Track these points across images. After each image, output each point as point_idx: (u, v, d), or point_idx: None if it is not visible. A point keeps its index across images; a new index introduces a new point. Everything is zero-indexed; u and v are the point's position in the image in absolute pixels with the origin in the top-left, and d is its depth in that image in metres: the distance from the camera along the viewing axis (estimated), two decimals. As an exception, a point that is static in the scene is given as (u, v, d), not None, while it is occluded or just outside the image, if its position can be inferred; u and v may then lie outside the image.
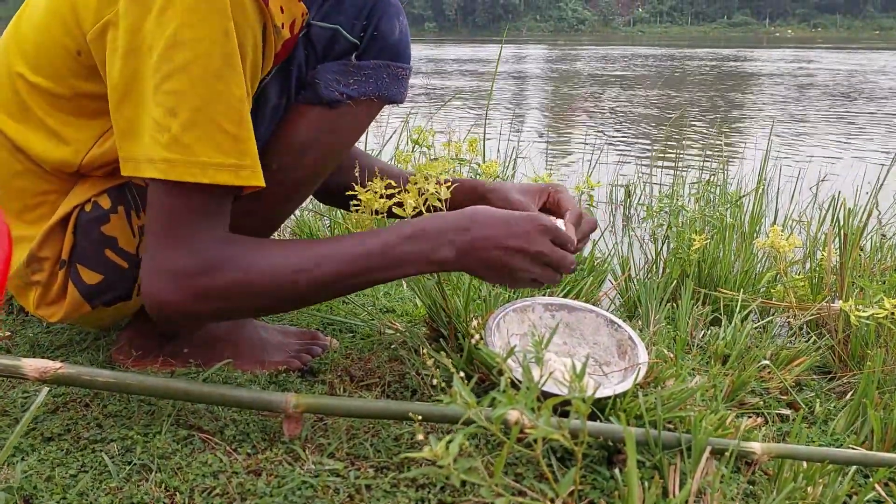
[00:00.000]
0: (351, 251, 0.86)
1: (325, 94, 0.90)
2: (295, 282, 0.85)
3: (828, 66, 15.00)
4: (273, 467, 0.82)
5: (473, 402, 0.68)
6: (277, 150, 0.92)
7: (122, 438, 0.85)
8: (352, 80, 0.90)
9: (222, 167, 0.78)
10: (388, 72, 0.92)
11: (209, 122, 0.77)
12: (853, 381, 1.32)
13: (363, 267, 0.86)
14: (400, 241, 0.87)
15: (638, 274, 1.87)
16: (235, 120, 0.79)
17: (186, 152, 0.77)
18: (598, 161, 2.87)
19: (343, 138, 0.94)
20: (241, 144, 0.80)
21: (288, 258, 0.85)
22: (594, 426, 0.83)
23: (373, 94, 0.92)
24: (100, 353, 1.08)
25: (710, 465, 0.85)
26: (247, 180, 0.80)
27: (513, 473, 0.84)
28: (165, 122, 0.77)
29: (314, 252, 0.86)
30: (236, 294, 0.84)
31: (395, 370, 1.08)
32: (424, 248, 0.87)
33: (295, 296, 0.87)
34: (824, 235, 1.86)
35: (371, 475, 0.82)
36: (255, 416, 0.91)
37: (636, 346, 1.01)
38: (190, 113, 0.76)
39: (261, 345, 1.07)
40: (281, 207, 0.98)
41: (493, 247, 0.87)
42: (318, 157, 0.93)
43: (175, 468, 0.81)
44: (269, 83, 0.89)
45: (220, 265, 0.82)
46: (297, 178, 0.94)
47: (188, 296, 0.82)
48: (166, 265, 0.81)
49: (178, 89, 0.76)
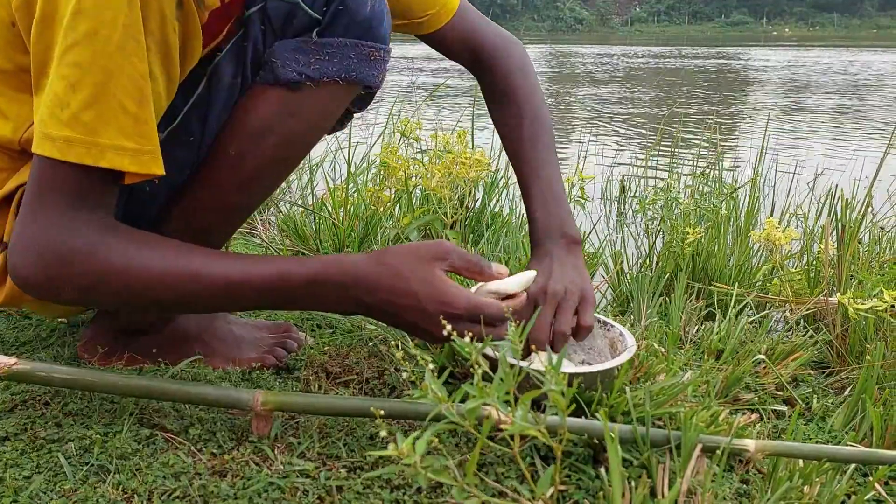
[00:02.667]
0: (234, 275, 0.77)
1: (282, 74, 0.83)
2: (161, 288, 0.76)
3: (825, 63, 14.99)
4: (239, 468, 0.78)
5: (444, 397, 0.63)
6: (234, 134, 0.86)
7: (80, 438, 0.81)
8: (312, 59, 0.83)
9: (123, 151, 0.72)
10: (357, 51, 0.85)
11: (111, 98, 0.71)
12: (851, 376, 1.28)
13: (242, 295, 0.78)
14: (301, 283, 0.78)
15: (631, 268, 1.83)
16: (137, 98, 0.72)
17: (87, 131, 0.70)
18: (593, 154, 2.82)
19: (306, 124, 0.87)
20: (143, 126, 0.73)
21: (162, 262, 0.76)
22: (575, 422, 0.79)
23: (337, 76, 0.84)
24: (66, 350, 1.03)
25: (700, 463, 0.81)
26: (147, 167, 0.73)
27: (493, 473, 0.80)
28: (66, 97, 0.70)
29: (197, 264, 0.77)
30: (95, 286, 0.76)
31: (375, 366, 1.03)
32: (326, 300, 0.80)
33: (157, 302, 0.79)
34: (821, 228, 1.82)
35: (343, 476, 0.78)
36: (223, 415, 0.87)
37: (626, 339, 0.97)
38: (91, 88, 0.70)
39: (233, 341, 1.03)
40: (238, 199, 0.90)
41: (390, 310, 0.79)
42: (278, 144, 0.86)
43: (134, 469, 0.76)
44: (223, 61, 0.83)
45: (87, 252, 0.74)
46: (255, 166, 0.87)
47: (47, 277, 0.74)
48: (34, 240, 0.74)
49: (80, 61, 0.70)
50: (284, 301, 0.81)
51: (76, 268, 0.74)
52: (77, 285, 0.76)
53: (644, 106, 7.65)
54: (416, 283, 0.78)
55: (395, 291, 0.78)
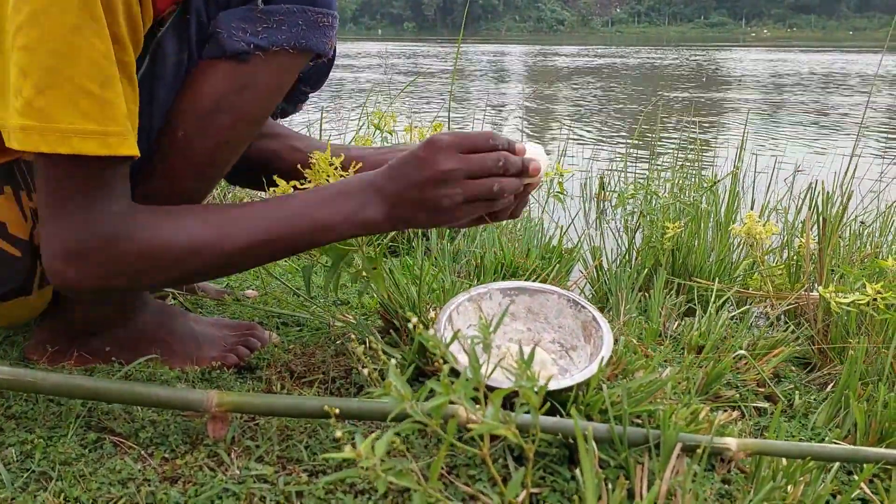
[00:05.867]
0: (267, 216, 0.78)
1: (229, 45, 0.78)
2: (207, 251, 0.76)
3: (801, 63, 15.12)
4: (192, 473, 0.73)
5: (408, 394, 0.59)
6: (183, 113, 0.81)
7: (21, 443, 0.75)
8: (260, 27, 0.79)
9: (87, 134, 0.68)
10: (305, 17, 0.81)
11: (66, 81, 0.66)
12: (834, 371, 1.25)
13: (280, 233, 0.78)
14: (321, 203, 0.79)
15: (610, 264, 1.79)
16: (99, 79, 0.68)
17: (42, 118, 0.66)
18: (571, 152, 2.79)
19: (257, 98, 0.82)
20: (108, 108, 0.69)
21: (198, 226, 0.76)
22: (547, 421, 0.75)
23: (286, 44, 0.80)
24: (14, 350, 0.98)
25: (680, 463, 0.77)
26: (116, 149, 0.70)
27: (465, 475, 0.75)
28: (18, 84, 0.66)
29: (227, 218, 0.78)
30: (143, 266, 0.75)
31: (341, 365, 0.99)
32: (348, 208, 0.79)
33: (208, 265, 0.78)
34: (801, 223, 1.80)
35: (304, 480, 0.73)
36: (177, 418, 0.82)
37: (600, 328, 0.93)
38: (43, 72, 0.66)
39: (193, 339, 0.98)
40: (191, 183, 0.86)
41: (417, 185, 0.78)
42: (230, 122, 0.81)
43: (78, 475, 0.71)
44: (165, 37, 0.78)
45: (121, 237, 0.73)
46: (207, 147, 0.82)
47: (92, 272, 0.73)
48: (64, 242, 0.72)
49: (28, 44, 0.66)
50: (309, 228, 0.80)
51: (120, 254, 0.73)
52: (126, 271, 0.75)
53: (623, 103, 7.65)
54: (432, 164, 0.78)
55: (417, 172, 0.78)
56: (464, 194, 0.78)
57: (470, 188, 0.78)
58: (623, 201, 1.94)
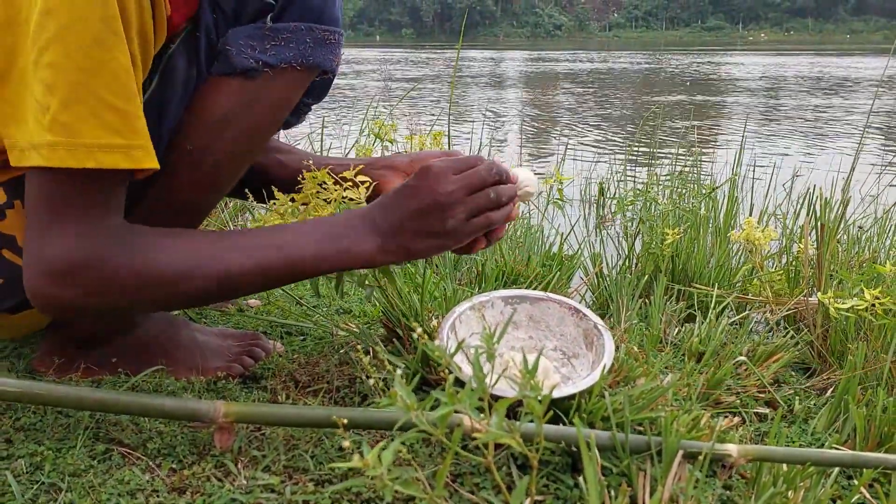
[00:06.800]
0: (261, 245, 0.78)
1: (238, 62, 0.80)
2: (199, 274, 0.76)
3: (799, 67, 15.16)
4: (199, 484, 0.74)
5: (413, 404, 0.60)
6: (192, 128, 0.82)
7: (31, 454, 0.76)
8: (268, 45, 0.80)
9: (111, 149, 0.69)
10: (312, 35, 0.82)
11: (91, 96, 0.67)
12: (833, 377, 1.26)
13: (272, 263, 0.78)
14: (315, 236, 0.79)
15: (610, 271, 1.81)
16: (122, 93, 0.69)
17: (68, 133, 0.67)
18: (572, 158, 2.81)
19: (266, 114, 0.84)
20: (131, 121, 0.70)
21: (190, 252, 0.76)
22: (551, 429, 0.76)
23: (294, 61, 0.82)
24: (21, 362, 0.99)
25: (682, 469, 0.77)
26: (139, 162, 0.71)
27: (470, 484, 0.76)
28: (45, 101, 0.67)
29: (222, 244, 0.78)
30: (130, 289, 0.74)
31: (345, 374, 1.00)
32: (342, 243, 0.80)
33: (200, 290, 0.77)
34: (800, 229, 1.81)
35: (310, 489, 0.74)
36: (184, 428, 0.83)
37: (602, 336, 0.94)
38: (68, 88, 0.67)
39: (197, 350, 0.98)
40: (198, 196, 0.87)
41: (418, 214, 0.80)
42: (238, 136, 0.83)
43: (87, 487, 0.72)
44: (176, 53, 0.79)
45: (112, 257, 0.72)
46: (215, 162, 0.84)
47: (76, 291, 0.72)
48: (51, 257, 0.71)
49: (54, 61, 0.67)
50: (303, 262, 0.80)
51: (108, 275, 0.73)
52: (113, 291, 0.74)
53: (622, 109, 7.67)
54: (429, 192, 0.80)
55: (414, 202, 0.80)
56: (466, 210, 0.80)
57: (471, 202, 0.81)
58: (622, 208, 1.95)
